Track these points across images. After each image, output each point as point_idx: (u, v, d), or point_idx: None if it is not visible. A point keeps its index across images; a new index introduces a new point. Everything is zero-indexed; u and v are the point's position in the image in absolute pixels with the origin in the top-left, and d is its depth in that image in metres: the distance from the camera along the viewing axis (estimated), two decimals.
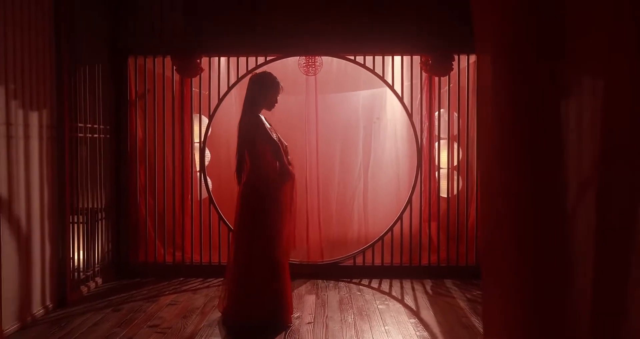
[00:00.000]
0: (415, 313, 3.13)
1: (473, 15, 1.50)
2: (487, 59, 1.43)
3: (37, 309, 3.05)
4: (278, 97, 2.96)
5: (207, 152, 4.20)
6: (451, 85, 4.06)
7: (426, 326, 2.91)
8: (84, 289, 3.53)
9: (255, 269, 2.82)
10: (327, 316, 3.07)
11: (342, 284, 3.79)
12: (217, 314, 3.07)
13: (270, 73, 3.04)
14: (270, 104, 2.94)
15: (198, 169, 4.13)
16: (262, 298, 2.81)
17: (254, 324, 2.83)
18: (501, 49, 1.35)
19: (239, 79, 4.04)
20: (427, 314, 3.11)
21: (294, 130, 4.22)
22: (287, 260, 2.92)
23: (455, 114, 4.11)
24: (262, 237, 2.82)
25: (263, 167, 2.83)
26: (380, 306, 3.26)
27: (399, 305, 3.29)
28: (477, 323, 2.93)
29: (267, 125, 2.91)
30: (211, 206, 4.06)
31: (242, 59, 4.06)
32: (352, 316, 3.08)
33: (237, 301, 2.85)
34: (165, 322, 2.97)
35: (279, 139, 2.92)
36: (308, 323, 2.94)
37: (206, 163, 4.14)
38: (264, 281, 2.82)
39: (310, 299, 3.41)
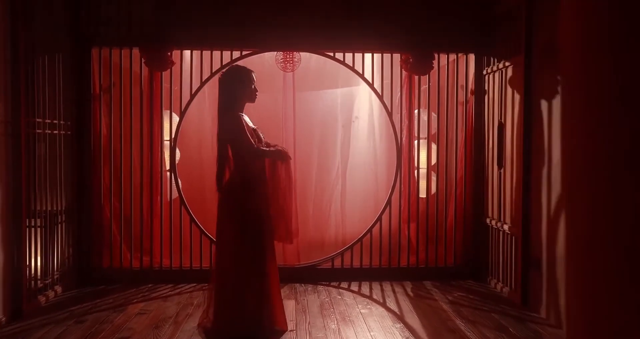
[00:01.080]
0: (400, 317, 3.04)
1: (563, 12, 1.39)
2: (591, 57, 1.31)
3: None
4: (256, 87, 2.77)
5: (177, 151, 3.97)
6: (430, 84, 4.02)
7: (412, 331, 2.82)
8: (42, 298, 3.24)
9: (246, 275, 2.63)
10: (309, 323, 2.93)
11: (320, 287, 3.67)
12: (192, 324, 2.88)
13: (237, 65, 2.86)
14: (251, 96, 2.74)
15: (167, 168, 3.90)
16: (258, 306, 2.63)
17: (246, 335, 2.64)
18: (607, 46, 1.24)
19: (212, 74, 3.84)
20: (412, 318, 3.02)
21: (270, 128, 4.03)
22: (274, 259, 2.76)
23: (434, 114, 4.06)
24: (250, 238, 2.64)
25: (249, 165, 2.65)
26: (362, 311, 3.15)
27: (381, 309, 3.19)
28: (463, 327, 2.87)
29: (251, 125, 2.73)
30: (182, 207, 3.84)
31: (216, 53, 3.86)
32: (335, 322, 2.95)
33: (229, 312, 2.63)
34: (135, 334, 2.74)
35: (263, 141, 2.76)
36: (290, 331, 2.79)
37: (176, 162, 3.91)
38: (257, 287, 2.63)
39: (290, 304, 3.26)
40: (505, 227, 3.51)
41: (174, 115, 3.93)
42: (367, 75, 4.00)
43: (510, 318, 3.01)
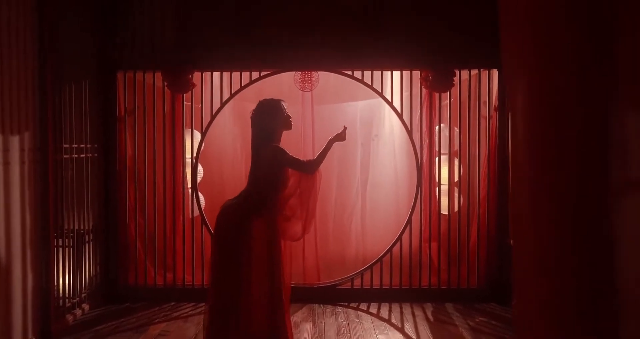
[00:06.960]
0: None
1: (501, 28, 1.41)
2: (521, 72, 1.32)
3: None
4: (288, 114, 2.75)
5: (200, 169, 4.05)
6: (452, 99, 3.93)
7: None
8: (70, 317, 3.37)
9: (265, 298, 2.62)
10: None
11: (339, 309, 3.65)
12: None
13: (264, 99, 2.80)
14: (286, 124, 2.71)
15: (189, 185, 3.98)
16: (281, 322, 2.62)
17: None
18: (539, 61, 1.25)
19: (232, 95, 3.89)
20: None
21: (289, 143, 4.02)
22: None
23: (456, 129, 3.98)
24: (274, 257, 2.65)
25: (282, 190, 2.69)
26: (379, 337, 3.12)
27: (399, 335, 3.15)
28: None
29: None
30: (203, 226, 3.91)
31: (236, 74, 3.90)
32: None
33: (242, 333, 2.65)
34: None
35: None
36: None
37: (198, 180, 3.99)
38: (277, 303, 2.64)
39: (307, 328, 3.27)
40: None
41: (195, 132, 4.00)
42: (387, 93, 3.96)
43: None
